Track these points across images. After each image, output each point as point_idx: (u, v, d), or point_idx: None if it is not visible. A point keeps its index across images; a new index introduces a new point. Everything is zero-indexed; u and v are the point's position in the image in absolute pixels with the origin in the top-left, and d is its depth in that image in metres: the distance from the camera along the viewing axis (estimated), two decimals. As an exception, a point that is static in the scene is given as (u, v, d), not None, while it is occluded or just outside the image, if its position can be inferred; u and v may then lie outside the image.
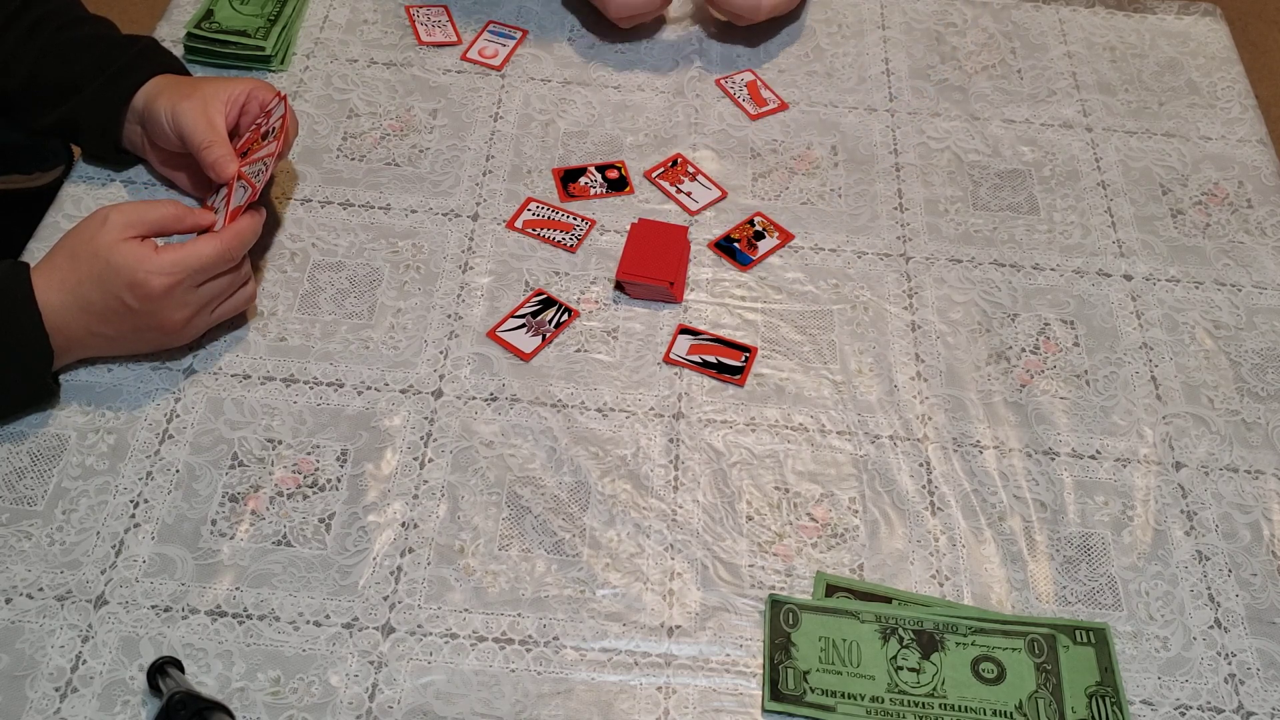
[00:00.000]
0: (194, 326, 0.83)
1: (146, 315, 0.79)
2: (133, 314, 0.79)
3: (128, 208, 0.80)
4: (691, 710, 0.71)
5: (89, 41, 0.92)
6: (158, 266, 0.78)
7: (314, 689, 0.70)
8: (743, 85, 1.09)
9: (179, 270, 0.78)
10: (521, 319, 0.89)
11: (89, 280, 0.78)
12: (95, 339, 0.81)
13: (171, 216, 0.82)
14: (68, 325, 0.79)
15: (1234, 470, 0.84)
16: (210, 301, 0.82)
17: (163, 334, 0.82)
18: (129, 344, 0.83)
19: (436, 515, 0.78)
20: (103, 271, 0.78)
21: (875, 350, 0.89)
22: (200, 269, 0.80)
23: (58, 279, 0.79)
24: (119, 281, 0.78)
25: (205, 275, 0.80)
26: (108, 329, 0.80)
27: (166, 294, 0.79)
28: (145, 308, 0.79)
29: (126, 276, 0.78)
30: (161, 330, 0.81)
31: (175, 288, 0.79)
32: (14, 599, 0.73)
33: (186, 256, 0.79)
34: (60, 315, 0.79)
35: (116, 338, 0.81)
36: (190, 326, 0.82)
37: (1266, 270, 0.96)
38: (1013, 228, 0.98)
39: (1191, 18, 1.18)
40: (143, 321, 0.80)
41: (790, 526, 0.79)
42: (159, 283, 0.78)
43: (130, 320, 0.80)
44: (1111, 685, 0.72)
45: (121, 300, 0.78)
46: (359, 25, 1.11)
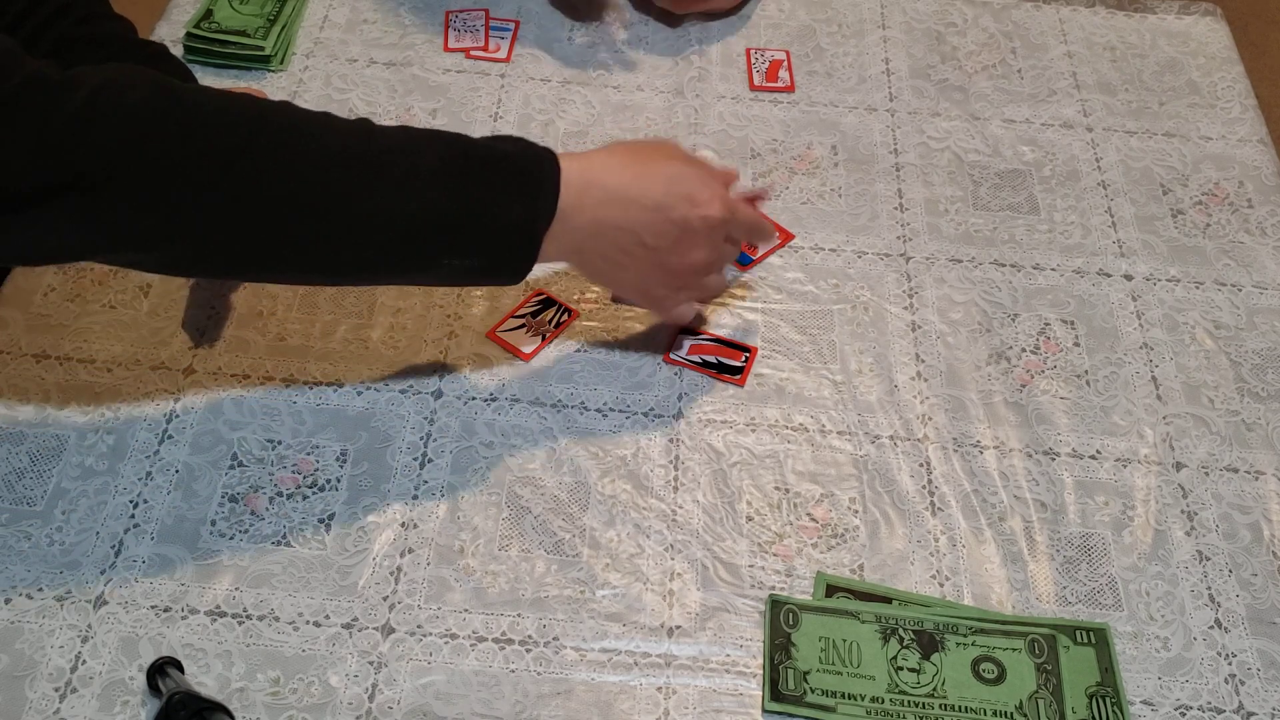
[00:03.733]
0: (692, 286, 0.81)
1: (686, 236, 0.77)
2: (676, 227, 0.76)
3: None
4: (691, 710, 0.71)
5: (104, 40, 0.92)
6: (719, 194, 0.77)
7: (314, 689, 0.70)
8: (767, 59, 1.09)
9: (731, 207, 0.78)
10: (521, 319, 0.89)
11: (656, 177, 0.76)
12: (614, 236, 0.75)
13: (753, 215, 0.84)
14: (606, 207, 0.74)
15: (1234, 470, 0.84)
16: (720, 261, 0.81)
17: (671, 273, 0.78)
18: (633, 263, 0.77)
19: (436, 515, 0.78)
20: (674, 175, 0.77)
21: (875, 350, 0.89)
22: (743, 221, 0.81)
23: (624, 162, 0.77)
24: (686, 189, 0.76)
25: (739, 230, 0.81)
26: (639, 231, 0.76)
27: (717, 222, 0.77)
28: (693, 224, 0.76)
29: (695, 189, 0.76)
30: (680, 261, 0.78)
31: (724, 223, 0.78)
32: (14, 599, 0.73)
33: (736, 203, 0.80)
34: (605, 194, 0.75)
35: (633, 249, 0.76)
36: (694, 281, 0.80)
37: (1267, 270, 0.96)
38: (1013, 228, 0.98)
39: (1192, 18, 1.18)
40: (675, 242, 0.77)
41: (790, 527, 0.79)
42: (718, 208, 0.77)
43: (666, 234, 0.76)
44: (1112, 685, 0.72)
45: (679, 209, 0.76)
46: (359, 25, 1.11)
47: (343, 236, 0.69)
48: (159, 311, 0.88)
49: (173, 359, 0.85)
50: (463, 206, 0.70)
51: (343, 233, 0.69)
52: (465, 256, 0.72)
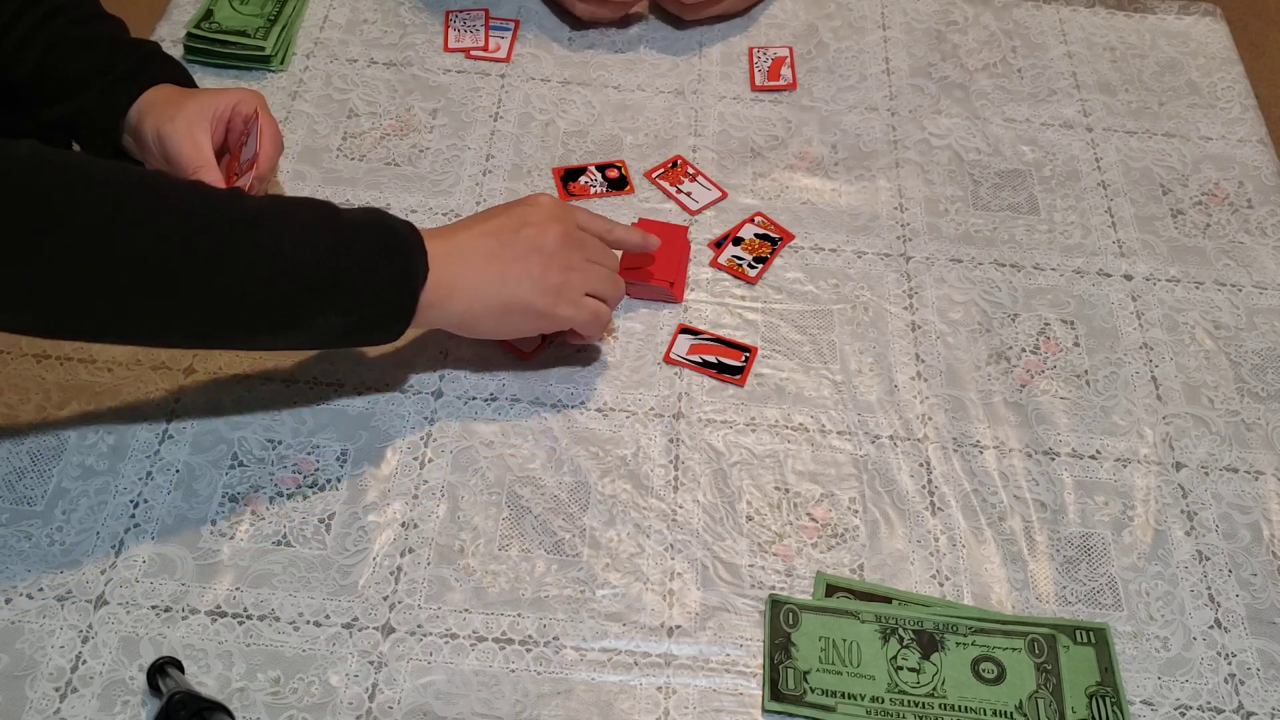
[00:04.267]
0: (573, 267, 0.81)
1: (536, 222, 0.80)
2: (520, 219, 0.80)
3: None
4: (691, 710, 0.71)
5: (96, 40, 0.92)
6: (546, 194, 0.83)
7: (314, 689, 0.70)
8: (770, 57, 1.09)
9: (568, 203, 0.83)
10: (521, 319, 0.89)
11: (497, 207, 0.82)
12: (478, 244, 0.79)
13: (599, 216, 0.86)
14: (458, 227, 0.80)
15: (1234, 470, 0.84)
16: (584, 244, 0.82)
17: (541, 255, 0.80)
18: (504, 264, 0.79)
19: (436, 515, 0.78)
20: (512, 201, 0.83)
21: (875, 350, 0.89)
22: (587, 216, 0.84)
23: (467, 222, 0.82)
24: (524, 203, 0.82)
25: (588, 220, 0.84)
26: (493, 229, 0.80)
27: (555, 205, 0.82)
28: (533, 207, 0.81)
29: (528, 196, 0.83)
30: (542, 239, 0.80)
31: (563, 205, 0.82)
32: (14, 599, 0.73)
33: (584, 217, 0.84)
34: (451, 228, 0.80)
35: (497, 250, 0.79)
36: (569, 259, 0.81)
37: (1267, 270, 0.96)
38: (1013, 228, 0.98)
39: (1191, 18, 1.18)
40: (529, 230, 0.80)
41: (790, 526, 0.79)
42: (549, 198, 0.82)
43: (515, 223, 0.80)
44: (1112, 685, 0.72)
45: (518, 208, 0.81)
46: (359, 25, 1.11)
47: (216, 297, 0.70)
48: (159, 311, 0.88)
49: (173, 359, 0.85)
50: (339, 263, 0.72)
51: (216, 293, 0.70)
52: (343, 314, 0.74)
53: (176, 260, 0.69)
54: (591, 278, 0.82)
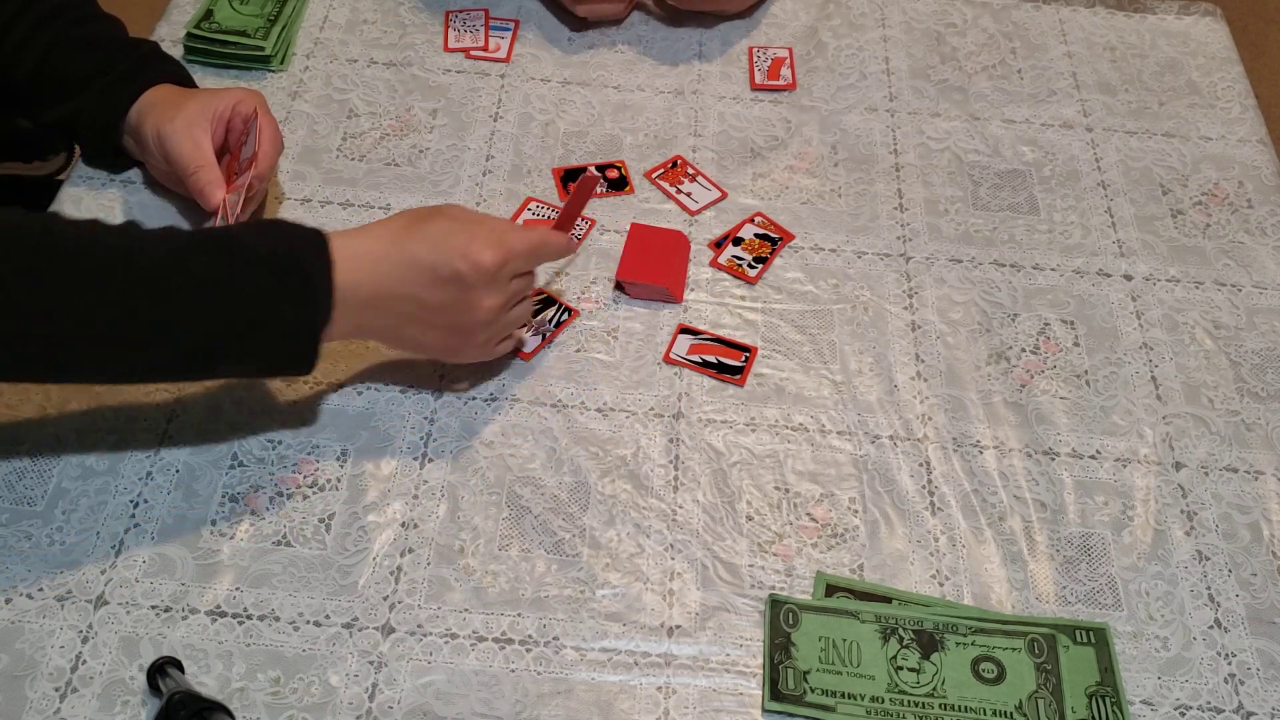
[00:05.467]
0: (491, 330, 0.79)
1: (465, 291, 0.76)
2: (451, 285, 0.75)
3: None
4: (691, 710, 0.71)
5: (96, 40, 0.92)
6: (490, 240, 0.76)
7: (314, 689, 0.70)
8: (769, 57, 1.09)
9: (505, 248, 0.76)
10: (521, 319, 0.89)
11: (422, 237, 0.76)
12: (395, 305, 0.75)
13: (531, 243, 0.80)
14: (379, 277, 0.74)
15: (1234, 470, 0.84)
16: (512, 299, 0.80)
17: (463, 329, 0.78)
18: (421, 328, 0.78)
19: (436, 515, 0.78)
20: (441, 231, 0.76)
21: (875, 350, 0.89)
22: (522, 253, 0.78)
23: (392, 228, 0.76)
24: (453, 244, 0.75)
25: (523, 263, 0.79)
26: (418, 296, 0.75)
27: (493, 271, 0.76)
28: (469, 279, 0.75)
29: (463, 242, 0.75)
30: (468, 316, 0.77)
31: (501, 266, 0.76)
32: (14, 599, 0.73)
33: (512, 238, 0.77)
34: (375, 265, 0.74)
35: (417, 314, 0.76)
36: (490, 328, 0.79)
37: (1266, 270, 0.96)
38: (1013, 228, 0.98)
39: (1191, 18, 1.18)
40: (456, 298, 0.76)
41: (790, 526, 0.79)
42: (489, 256, 0.75)
43: (444, 293, 0.76)
44: (1111, 685, 0.72)
45: (450, 265, 0.75)
46: (359, 25, 1.11)
47: (115, 353, 0.69)
48: (159, 311, 0.88)
49: (173, 359, 0.85)
50: (236, 316, 0.70)
51: (115, 350, 0.69)
52: (244, 363, 0.73)
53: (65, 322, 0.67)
54: (507, 328, 0.82)
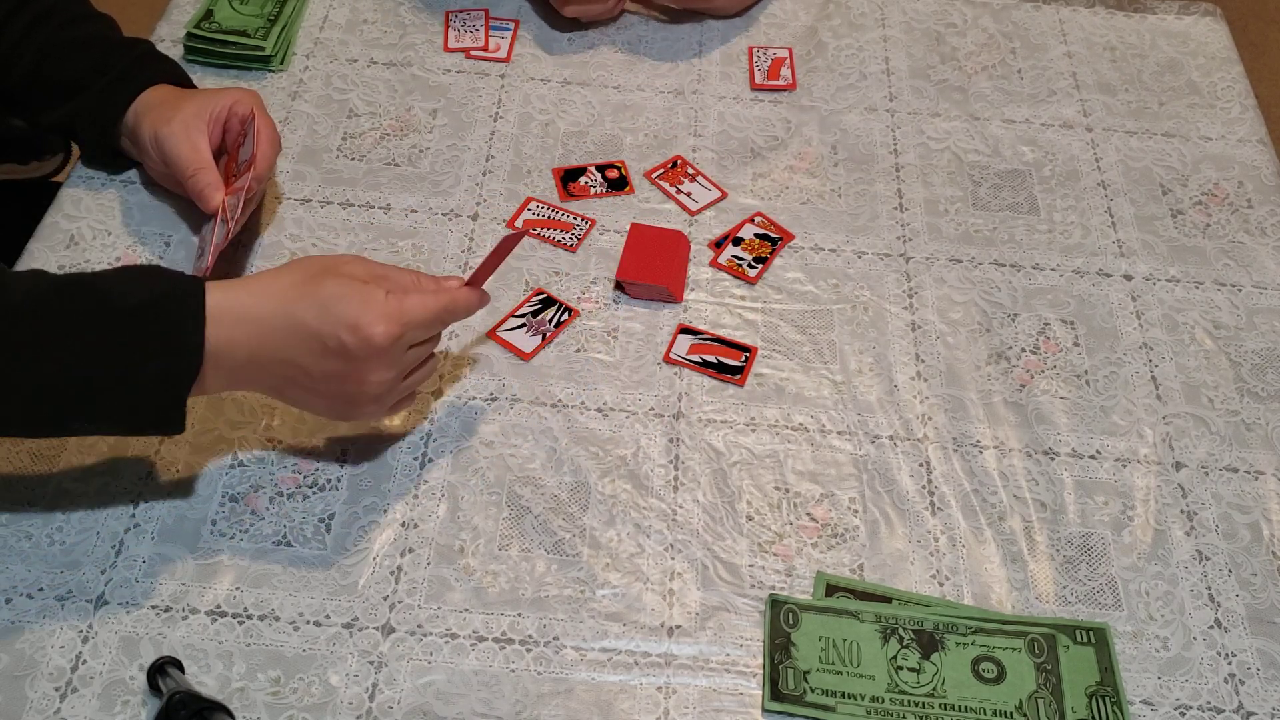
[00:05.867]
0: (383, 400, 0.74)
1: (354, 364, 0.70)
2: (338, 357, 0.70)
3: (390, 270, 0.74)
4: (691, 710, 0.71)
5: (90, 42, 0.92)
6: (384, 312, 0.70)
7: (314, 689, 0.70)
8: (769, 57, 1.09)
9: (402, 322, 0.70)
10: (521, 319, 0.89)
11: (311, 300, 0.70)
12: (276, 369, 0.71)
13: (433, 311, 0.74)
14: (260, 340, 0.69)
15: (1234, 470, 0.84)
16: (407, 368, 0.74)
17: (350, 399, 0.73)
18: (306, 393, 0.73)
19: (436, 515, 0.78)
20: (331, 296, 0.70)
21: (875, 350, 0.89)
22: (421, 323, 0.72)
23: (279, 286, 0.70)
24: (343, 313, 0.69)
25: (422, 333, 0.73)
26: (301, 363, 0.70)
27: (384, 347, 0.70)
28: (357, 354, 0.70)
29: (354, 313, 0.69)
30: (357, 388, 0.72)
31: (395, 341, 0.70)
32: (14, 599, 0.73)
33: (411, 309, 0.71)
34: (256, 326, 0.69)
35: (300, 379, 0.71)
36: (382, 399, 0.74)
37: (1266, 270, 0.96)
38: (1013, 228, 0.98)
39: (1191, 18, 1.18)
40: (344, 370, 0.71)
41: (790, 526, 0.79)
42: (381, 331, 0.69)
43: (331, 364, 0.70)
44: (1111, 685, 0.72)
45: (337, 338, 0.69)
46: (359, 25, 1.11)
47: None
48: (159, 311, 0.88)
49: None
50: (94, 370, 0.66)
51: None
52: (101, 422, 0.68)
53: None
54: (403, 393, 0.77)
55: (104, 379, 0.66)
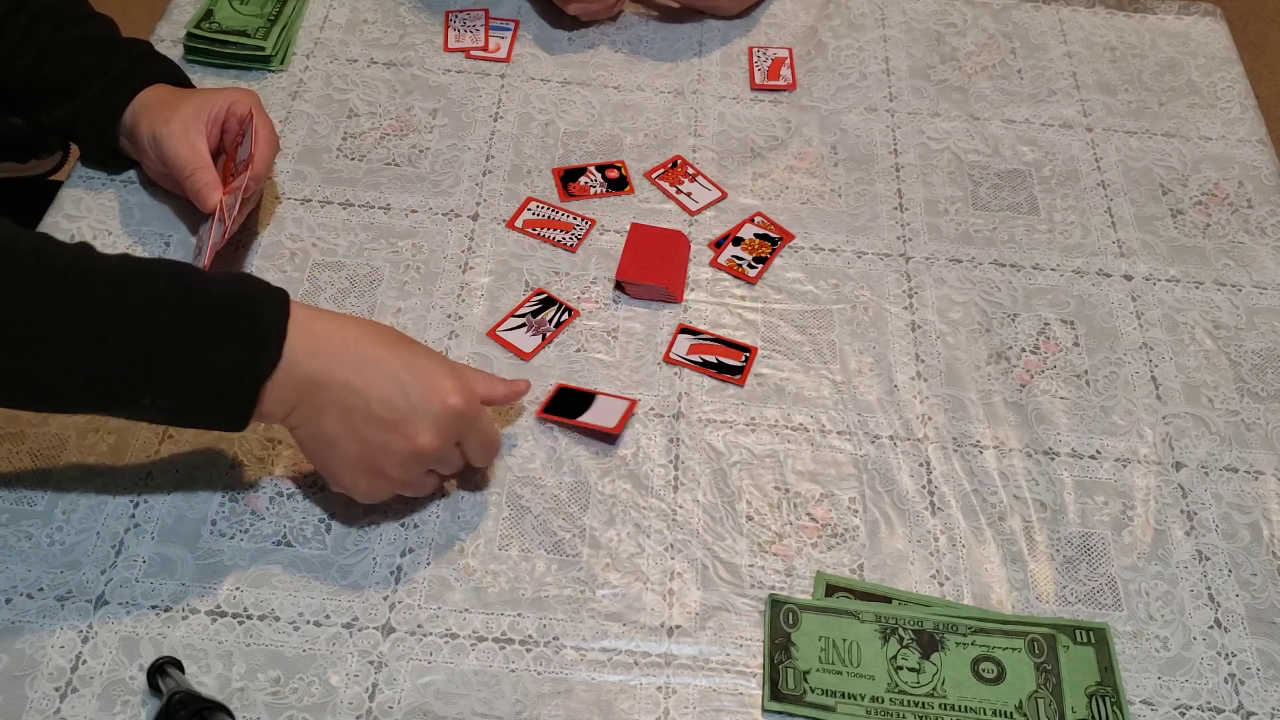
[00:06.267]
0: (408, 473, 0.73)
1: (413, 420, 0.70)
2: (403, 405, 0.70)
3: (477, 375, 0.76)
4: (691, 710, 0.71)
5: (89, 42, 0.92)
6: (468, 389, 0.72)
7: (314, 689, 0.70)
8: (769, 57, 1.09)
9: (474, 406, 0.72)
10: (521, 318, 0.89)
11: (398, 347, 0.71)
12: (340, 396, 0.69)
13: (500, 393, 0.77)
14: (335, 362, 0.69)
15: (1234, 470, 0.84)
16: (442, 458, 0.74)
17: (385, 457, 0.71)
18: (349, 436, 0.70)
19: (436, 515, 0.78)
20: (420, 353, 0.72)
21: (875, 350, 0.89)
22: (481, 431, 0.74)
23: (365, 326, 0.72)
24: (428, 368, 0.71)
25: (476, 437, 0.74)
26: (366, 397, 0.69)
27: (451, 410, 0.71)
28: (421, 409, 0.70)
29: (439, 373, 0.71)
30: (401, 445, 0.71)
31: (458, 415, 0.71)
32: (14, 599, 0.73)
33: (485, 389, 0.74)
34: (336, 349, 0.69)
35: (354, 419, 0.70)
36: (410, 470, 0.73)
37: (1266, 270, 0.96)
38: (1013, 228, 0.98)
39: (1191, 18, 1.18)
40: (402, 420, 0.70)
41: (790, 526, 0.79)
42: (457, 398, 0.71)
43: (393, 409, 0.70)
44: (1111, 685, 0.72)
45: (410, 372, 0.70)
46: (359, 25, 1.11)
47: (35, 364, 0.65)
48: (159, 311, 0.88)
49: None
50: (168, 344, 0.66)
51: (35, 360, 0.65)
52: (166, 396, 0.67)
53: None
54: (415, 484, 0.75)
55: (181, 358, 0.66)
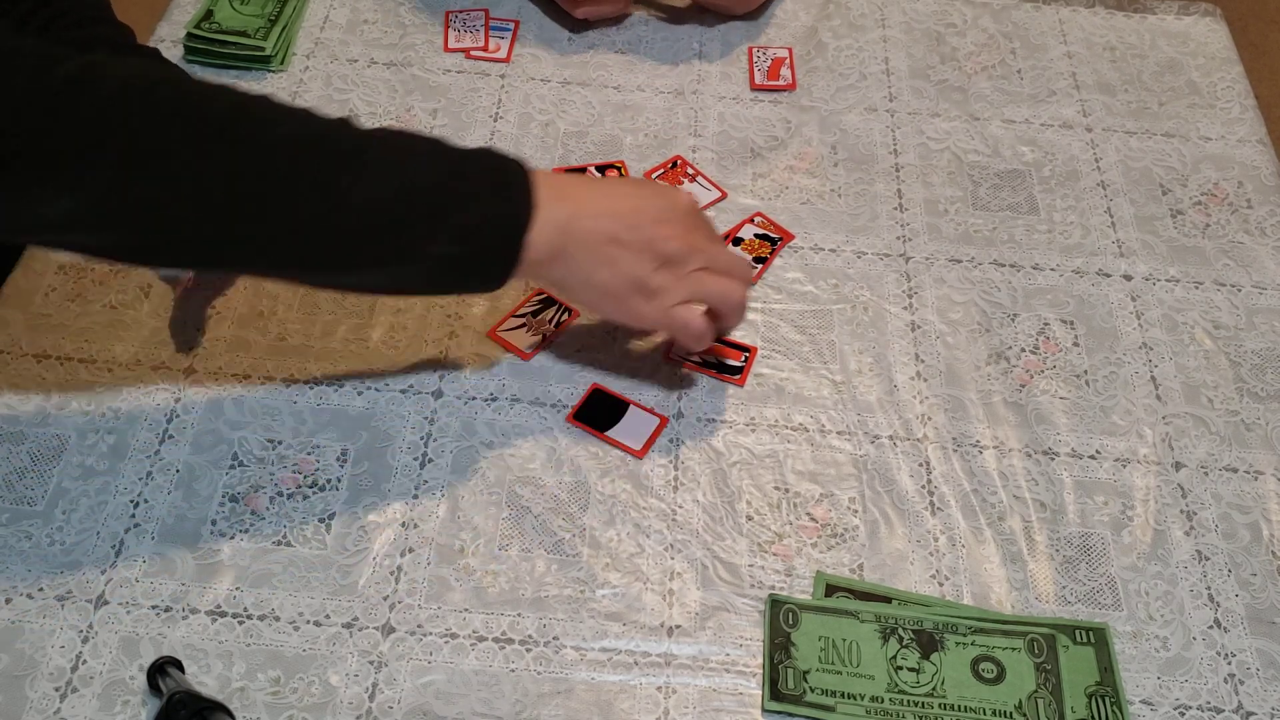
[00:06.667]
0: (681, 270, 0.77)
1: (666, 223, 0.77)
2: (637, 205, 0.77)
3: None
4: (691, 710, 0.71)
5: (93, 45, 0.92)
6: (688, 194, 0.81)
7: (314, 689, 0.70)
8: (769, 57, 1.09)
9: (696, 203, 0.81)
10: (521, 319, 0.89)
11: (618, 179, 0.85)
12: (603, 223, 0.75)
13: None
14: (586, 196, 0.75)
15: (1233, 470, 0.84)
16: (698, 249, 0.78)
17: (654, 258, 0.76)
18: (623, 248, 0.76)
19: (436, 515, 0.78)
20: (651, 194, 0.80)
21: (875, 350, 0.89)
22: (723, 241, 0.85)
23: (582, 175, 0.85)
24: (647, 184, 0.85)
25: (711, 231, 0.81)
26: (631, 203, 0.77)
27: (683, 204, 0.79)
28: (662, 210, 0.77)
29: (659, 185, 0.84)
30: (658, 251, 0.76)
31: (692, 207, 0.79)
32: (14, 599, 0.73)
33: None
34: (578, 190, 0.76)
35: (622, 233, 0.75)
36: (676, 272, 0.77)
37: (1266, 270, 0.96)
38: (1012, 228, 0.98)
39: (1191, 18, 1.18)
40: (656, 227, 0.76)
41: (790, 526, 0.79)
42: (684, 196, 0.80)
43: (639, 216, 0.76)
44: (1111, 685, 0.72)
45: (638, 187, 0.82)
46: (359, 25, 1.11)
47: (323, 220, 0.67)
48: (159, 312, 0.88)
49: (173, 359, 0.85)
50: (449, 188, 0.70)
51: (323, 215, 0.67)
52: (450, 243, 0.70)
53: (274, 184, 0.66)
54: (700, 288, 0.78)
55: (457, 208, 0.70)
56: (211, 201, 0.66)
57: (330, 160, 0.67)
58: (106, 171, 0.64)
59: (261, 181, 0.66)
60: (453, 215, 0.70)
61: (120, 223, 0.66)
